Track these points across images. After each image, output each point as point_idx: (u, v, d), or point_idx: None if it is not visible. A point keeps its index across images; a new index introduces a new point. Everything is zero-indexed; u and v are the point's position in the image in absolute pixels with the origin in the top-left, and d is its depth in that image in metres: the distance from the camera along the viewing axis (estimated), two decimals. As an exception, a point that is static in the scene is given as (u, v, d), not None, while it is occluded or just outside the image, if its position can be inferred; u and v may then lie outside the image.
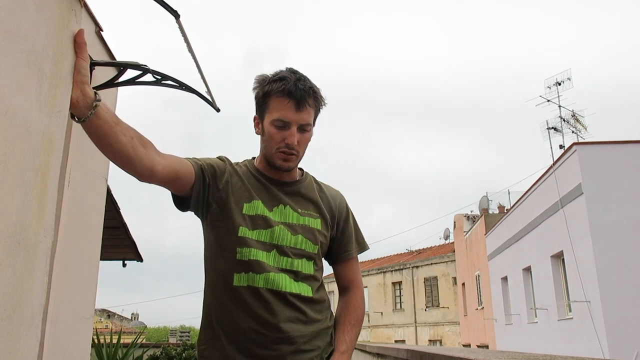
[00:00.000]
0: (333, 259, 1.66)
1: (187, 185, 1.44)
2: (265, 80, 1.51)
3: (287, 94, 1.45)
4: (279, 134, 1.48)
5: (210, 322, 1.48)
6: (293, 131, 1.48)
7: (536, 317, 13.49)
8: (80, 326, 3.24)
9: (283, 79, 1.47)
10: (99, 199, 3.48)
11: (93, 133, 1.26)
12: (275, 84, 1.47)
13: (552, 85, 14.03)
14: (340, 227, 1.64)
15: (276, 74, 1.51)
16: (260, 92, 1.51)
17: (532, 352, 2.72)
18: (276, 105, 1.47)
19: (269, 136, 1.50)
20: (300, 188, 1.59)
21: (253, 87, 1.55)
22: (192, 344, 11.47)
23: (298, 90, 1.46)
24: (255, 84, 1.54)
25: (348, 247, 1.65)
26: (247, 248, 1.45)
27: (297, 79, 1.48)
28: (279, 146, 1.49)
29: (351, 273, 1.67)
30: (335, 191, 1.69)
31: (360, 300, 1.65)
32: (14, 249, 1.14)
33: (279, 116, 1.47)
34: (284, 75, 1.49)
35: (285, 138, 1.47)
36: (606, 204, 9.85)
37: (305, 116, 1.49)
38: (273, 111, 1.48)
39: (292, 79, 1.47)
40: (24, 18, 1.18)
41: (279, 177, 1.56)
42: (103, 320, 34.61)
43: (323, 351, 1.50)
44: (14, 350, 1.15)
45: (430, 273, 26.98)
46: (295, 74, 1.50)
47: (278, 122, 1.47)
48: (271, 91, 1.48)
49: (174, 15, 2.52)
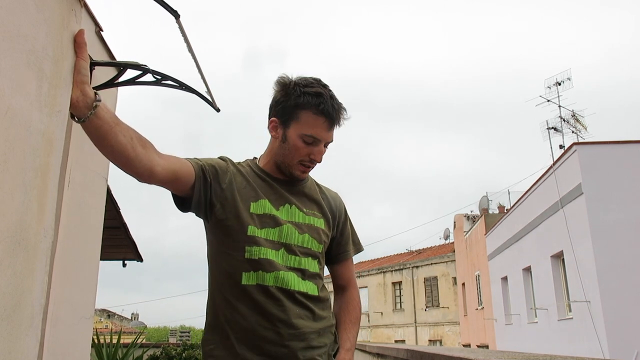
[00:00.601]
0: (331, 259, 1.68)
1: (187, 185, 1.44)
2: (294, 87, 1.50)
3: (324, 114, 1.48)
4: (306, 148, 1.50)
5: (218, 322, 1.48)
6: (321, 148, 1.52)
7: (536, 317, 13.49)
8: (80, 326, 3.23)
9: (319, 96, 1.48)
10: (99, 199, 3.48)
11: (93, 133, 1.27)
12: (311, 98, 1.48)
13: (552, 85, 14.03)
14: (340, 228, 1.67)
15: (307, 83, 1.51)
16: (289, 100, 1.50)
17: (532, 352, 2.72)
18: (309, 120, 1.48)
19: (293, 147, 1.50)
20: (304, 188, 1.61)
21: (277, 89, 1.54)
22: (192, 344, 11.45)
23: (334, 111, 1.49)
24: (279, 87, 1.53)
25: (346, 247, 1.69)
26: (256, 247, 1.45)
27: (331, 96, 1.50)
28: (303, 159, 1.51)
29: (348, 272, 1.71)
30: (334, 193, 1.71)
31: (358, 299, 1.69)
32: (14, 249, 1.14)
33: (312, 133, 1.48)
34: (319, 91, 1.49)
35: (312, 153, 1.51)
36: (606, 204, 9.85)
37: (333, 134, 1.53)
38: (305, 125, 1.48)
39: (327, 97, 1.49)
40: (24, 18, 1.18)
41: (284, 178, 1.58)
42: (103, 320, 34.63)
43: (329, 348, 1.52)
44: (14, 350, 1.15)
45: (430, 273, 26.98)
46: (326, 88, 1.52)
47: (309, 138, 1.49)
48: (306, 105, 1.48)
49: (174, 15, 2.52)
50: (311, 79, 1.53)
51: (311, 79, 1.53)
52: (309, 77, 1.54)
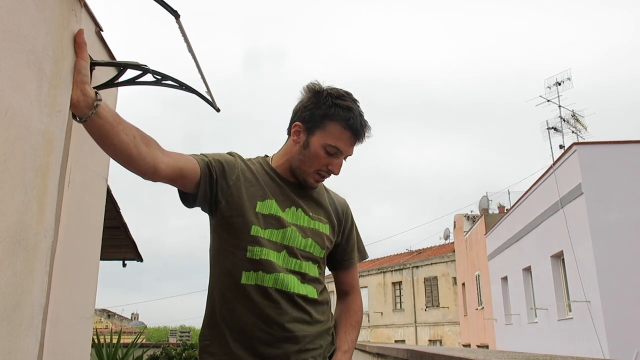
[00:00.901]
0: (335, 265, 1.68)
1: (193, 182, 1.44)
2: (327, 97, 1.50)
3: (352, 129, 1.49)
4: (326, 158, 1.50)
5: (214, 319, 1.48)
6: (341, 161, 1.53)
7: (536, 317, 13.49)
8: (80, 326, 3.23)
9: (350, 110, 1.49)
10: (99, 199, 3.48)
11: (95, 133, 1.26)
12: (342, 111, 1.48)
13: (552, 85, 14.04)
14: (345, 235, 1.67)
15: (339, 95, 1.51)
16: (319, 109, 1.49)
17: (532, 352, 2.72)
18: (336, 132, 1.49)
19: (314, 155, 1.50)
20: (312, 192, 1.60)
21: (307, 94, 1.54)
22: (192, 344, 11.45)
23: (362, 128, 1.51)
24: (310, 93, 1.53)
25: (351, 255, 1.68)
26: (258, 247, 1.45)
27: (360, 114, 1.51)
28: (321, 169, 1.51)
29: (352, 279, 1.71)
30: (342, 199, 1.71)
31: (360, 304, 1.70)
32: (14, 249, 1.14)
33: (336, 144, 1.49)
34: (350, 105, 1.50)
35: (331, 164, 1.51)
36: (606, 204, 9.85)
37: (354, 150, 1.54)
38: (330, 136, 1.49)
39: (357, 113, 1.50)
40: (24, 18, 1.18)
41: (294, 181, 1.57)
42: (103, 320, 34.62)
43: (325, 350, 1.52)
44: (14, 350, 1.15)
45: (430, 273, 26.98)
46: (356, 103, 1.53)
47: (332, 149, 1.49)
48: (336, 116, 1.48)
49: (174, 15, 2.52)
50: (343, 91, 1.53)
51: (343, 92, 1.53)
52: (340, 89, 1.54)
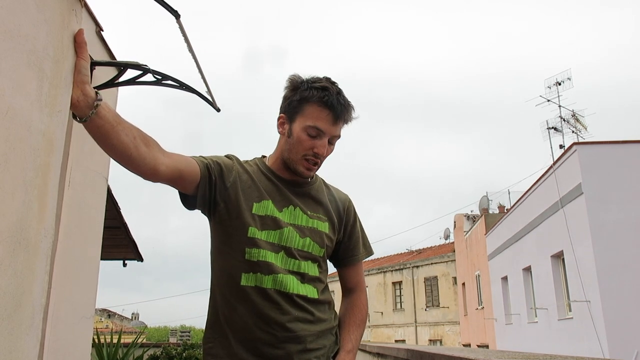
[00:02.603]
0: (339, 262, 1.67)
1: (192, 184, 1.44)
2: (302, 83, 1.51)
3: (328, 106, 1.47)
4: (309, 141, 1.49)
5: (217, 320, 1.48)
6: (324, 142, 1.50)
7: (536, 317, 13.49)
8: (81, 326, 3.24)
9: (325, 90, 1.48)
10: (99, 198, 3.48)
11: (95, 133, 1.26)
12: (317, 91, 1.48)
13: (552, 85, 14.04)
14: (348, 231, 1.65)
15: (315, 80, 1.51)
16: (296, 95, 1.50)
17: (532, 352, 2.72)
18: (313, 113, 1.48)
19: (297, 141, 1.49)
20: (310, 190, 1.59)
21: (285, 86, 1.55)
22: (193, 343, 11.44)
23: (339, 105, 1.48)
24: (288, 83, 1.54)
25: (355, 251, 1.66)
26: (256, 249, 1.45)
27: (337, 92, 1.50)
28: (306, 153, 1.50)
29: (357, 276, 1.69)
30: (343, 195, 1.69)
31: (365, 302, 1.67)
32: (14, 248, 1.14)
33: (315, 124, 1.47)
34: (325, 85, 1.50)
35: (315, 147, 1.49)
36: (606, 204, 9.85)
37: (338, 130, 1.51)
38: (309, 118, 1.48)
39: (334, 92, 1.49)
40: (25, 18, 1.18)
41: (291, 178, 1.56)
42: (103, 320, 34.59)
43: (329, 350, 1.51)
44: (14, 350, 1.15)
45: (431, 273, 26.97)
46: (334, 85, 1.52)
47: (312, 130, 1.48)
48: (311, 98, 1.48)
49: (174, 15, 2.52)
50: (322, 77, 1.54)
51: (321, 77, 1.53)
52: (320, 76, 1.54)
